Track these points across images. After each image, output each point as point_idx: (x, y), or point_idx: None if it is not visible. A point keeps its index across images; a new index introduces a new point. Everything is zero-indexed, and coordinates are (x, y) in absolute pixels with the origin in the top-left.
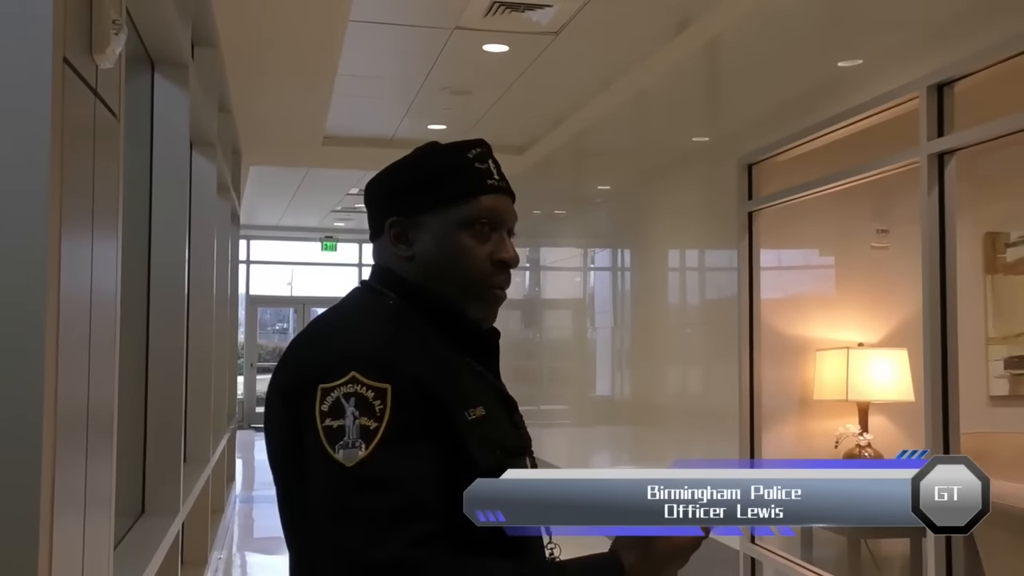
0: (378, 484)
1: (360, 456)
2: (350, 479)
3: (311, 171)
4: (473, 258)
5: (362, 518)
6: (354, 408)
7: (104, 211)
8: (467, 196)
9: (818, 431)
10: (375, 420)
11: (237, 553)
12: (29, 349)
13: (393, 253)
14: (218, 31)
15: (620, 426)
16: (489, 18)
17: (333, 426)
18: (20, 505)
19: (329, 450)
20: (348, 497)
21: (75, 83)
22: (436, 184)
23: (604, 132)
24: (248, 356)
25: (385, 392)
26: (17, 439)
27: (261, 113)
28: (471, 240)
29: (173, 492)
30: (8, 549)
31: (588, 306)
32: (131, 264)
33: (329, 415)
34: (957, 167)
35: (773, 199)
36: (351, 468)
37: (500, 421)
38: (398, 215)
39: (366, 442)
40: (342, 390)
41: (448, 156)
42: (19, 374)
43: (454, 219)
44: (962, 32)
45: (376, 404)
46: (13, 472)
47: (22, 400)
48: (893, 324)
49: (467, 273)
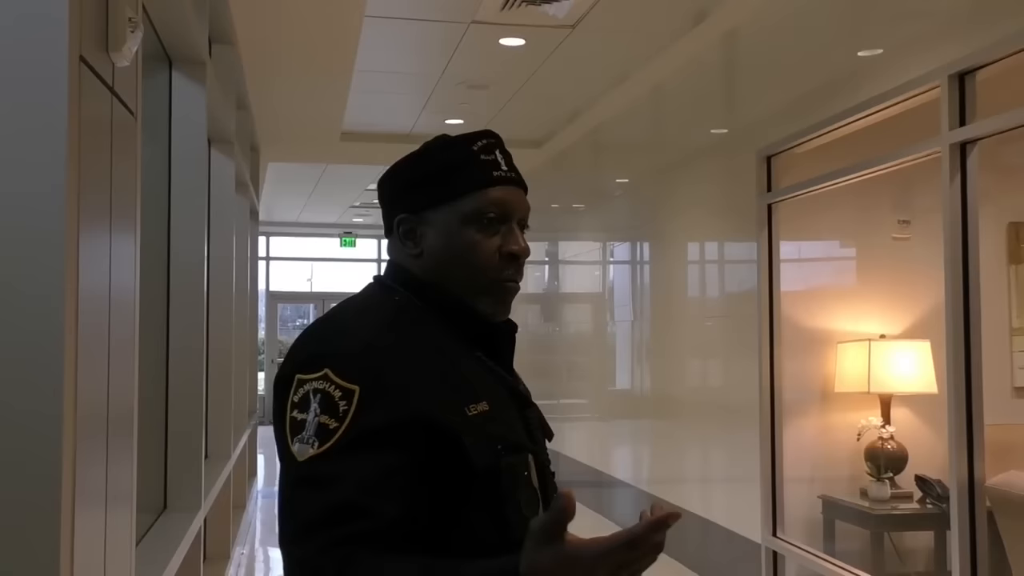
0: (317, 483)
1: (310, 453)
2: (294, 473)
3: (329, 167)
4: (481, 252)
5: (295, 513)
6: (317, 405)
7: (122, 209)
8: (473, 189)
9: (840, 424)
10: (336, 420)
11: (259, 548)
12: (49, 346)
13: (402, 250)
14: (235, 28)
15: (640, 420)
16: (506, 12)
17: (297, 418)
18: (42, 501)
19: (288, 440)
20: (291, 489)
21: (92, 81)
22: (441, 179)
23: (622, 125)
24: (268, 352)
25: (352, 393)
26: (38, 436)
27: (279, 109)
28: (478, 234)
29: (195, 488)
30: (30, 544)
31: (607, 300)
32: (151, 261)
33: (297, 407)
34: (979, 156)
35: (792, 191)
36: (300, 463)
37: (506, 416)
38: (405, 212)
39: (320, 441)
40: (312, 385)
41: (452, 150)
42: (39, 371)
43: (460, 213)
44: (984, 20)
45: (341, 404)
46: (35, 468)
47: (43, 397)
48: (915, 315)
49: (475, 267)
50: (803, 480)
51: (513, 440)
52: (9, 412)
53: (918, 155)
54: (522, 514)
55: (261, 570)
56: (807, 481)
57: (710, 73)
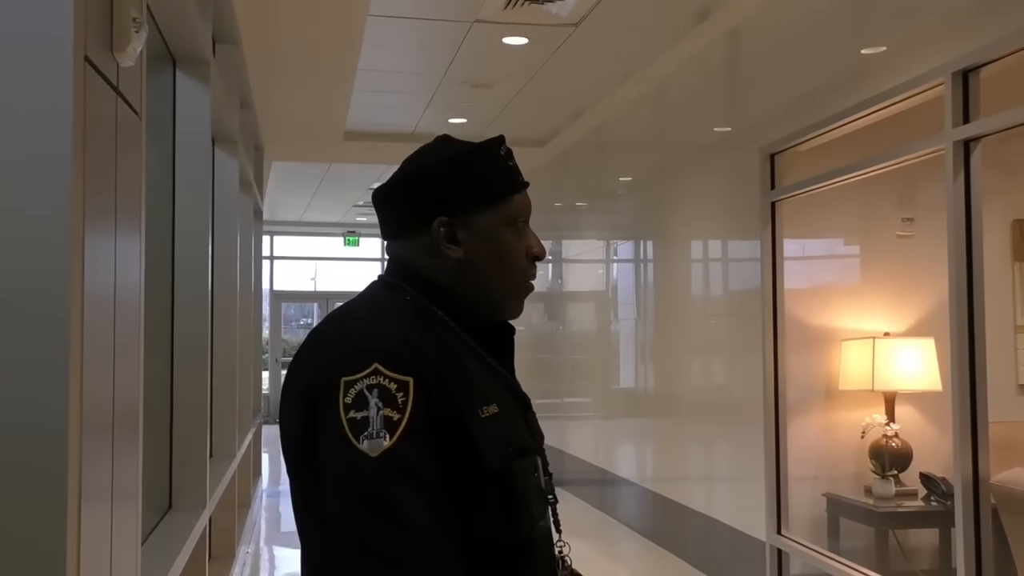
0: (405, 473)
1: (385, 446)
2: (378, 468)
3: (333, 166)
4: (516, 255)
5: (391, 506)
6: (377, 399)
7: (127, 208)
8: (509, 194)
9: (844, 422)
10: (398, 411)
11: (264, 547)
12: (54, 345)
13: (437, 252)
14: (239, 28)
15: (644, 418)
16: (509, 11)
17: (357, 417)
18: (49, 499)
19: (354, 441)
20: (377, 485)
21: (96, 81)
22: (484, 184)
23: (625, 123)
24: (273, 351)
25: (407, 384)
26: (44, 435)
27: (282, 109)
28: (513, 238)
29: (200, 487)
30: (38, 542)
31: (611, 298)
32: (155, 261)
33: (353, 407)
34: (983, 154)
35: (796, 188)
36: (376, 458)
37: (513, 419)
38: (447, 215)
39: (390, 432)
40: (365, 382)
41: (490, 155)
42: (45, 370)
43: (500, 218)
44: (988, 17)
45: (399, 396)
46: (42, 467)
47: (49, 396)
48: (919, 313)
49: (513, 270)
50: (807, 478)
51: (522, 442)
52: (16, 411)
53: (922, 153)
54: (531, 515)
55: (266, 569)
56: (811, 479)
57: (713, 71)
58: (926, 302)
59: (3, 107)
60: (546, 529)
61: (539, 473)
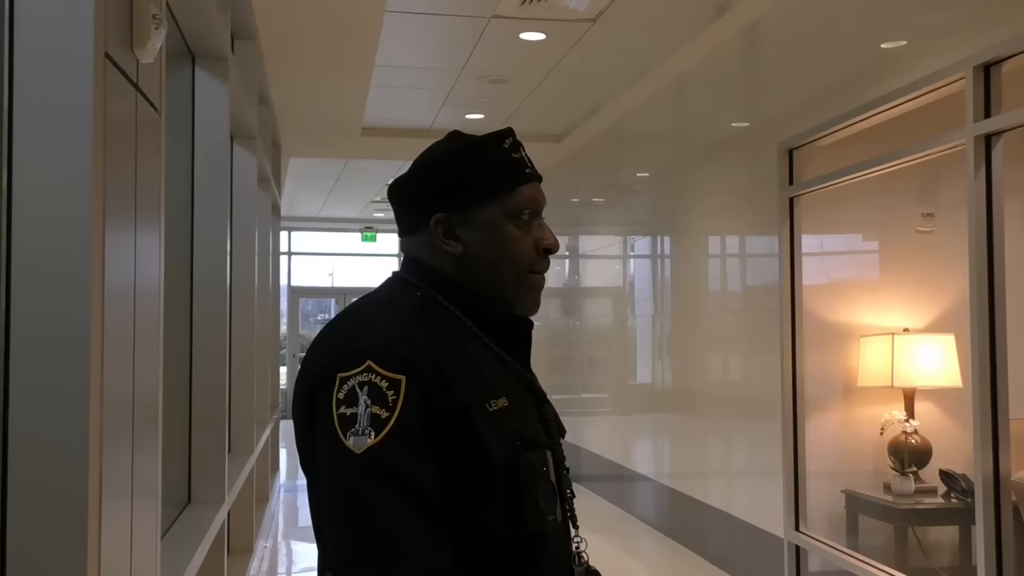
0: (387, 471)
1: (369, 443)
2: (361, 465)
3: (350, 162)
4: (522, 248)
5: (370, 503)
6: (367, 396)
7: (146, 204)
8: (511, 188)
9: (863, 418)
10: (387, 410)
11: (282, 541)
12: (75, 340)
13: (439, 248)
14: (257, 24)
15: (661, 414)
16: (526, 6)
17: (346, 413)
18: (69, 493)
19: (341, 436)
20: (358, 482)
21: (116, 77)
22: (480, 178)
23: (642, 119)
24: (290, 347)
25: (399, 383)
26: (65, 429)
27: (300, 105)
28: (517, 231)
29: (218, 482)
30: (58, 536)
31: (628, 294)
32: (174, 256)
33: (344, 403)
34: (1005, 149)
35: (815, 184)
36: (360, 454)
37: (524, 413)
38: (443, 211)
39: (376, 430)
40: (357, 379)
41: (487, 149)
42: (66, 365)
43: (501, 212)
44: (1010, 10)
45: (389, 394)
46: (62, 461)
47: (69, 390)
48: (940, 309)
49: (518, 263)
50: (826, 474)
51: (531, 436)
52: (37, 406)
53: (942, 147)
54: (540, 509)
55: (284, 563)
56: (830, 475)
57: (731, 66)
58: (946, 298)
59: (24, 103)
60: (557, 523)
61: (549, 467)
